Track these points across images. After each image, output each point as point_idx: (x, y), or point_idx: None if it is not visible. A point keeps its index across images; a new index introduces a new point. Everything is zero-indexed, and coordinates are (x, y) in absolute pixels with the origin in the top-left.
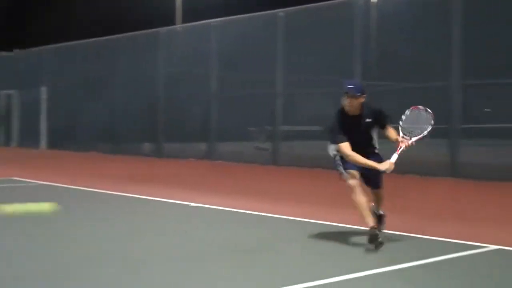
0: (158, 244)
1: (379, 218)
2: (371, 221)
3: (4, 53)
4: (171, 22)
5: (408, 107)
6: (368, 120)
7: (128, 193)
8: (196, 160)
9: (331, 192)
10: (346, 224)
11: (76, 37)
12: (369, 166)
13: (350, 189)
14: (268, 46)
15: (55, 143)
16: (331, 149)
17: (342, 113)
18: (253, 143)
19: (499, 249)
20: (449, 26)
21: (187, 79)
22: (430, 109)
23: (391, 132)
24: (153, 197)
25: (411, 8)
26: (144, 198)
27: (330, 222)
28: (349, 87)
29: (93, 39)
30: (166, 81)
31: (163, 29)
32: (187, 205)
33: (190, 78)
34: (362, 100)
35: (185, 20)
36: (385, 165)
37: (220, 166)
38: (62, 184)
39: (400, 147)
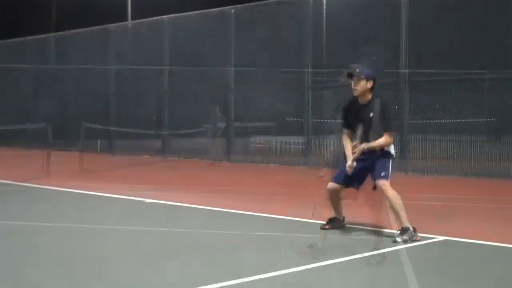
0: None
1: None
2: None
3: None
4: None
5: None
6: (371, 114)
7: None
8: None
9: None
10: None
11: None
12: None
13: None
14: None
15: None
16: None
17: (353, 100)
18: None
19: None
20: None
21: None
22: None
23: (379, 139)
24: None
25: (360, 4)
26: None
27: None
28: (353, 65)
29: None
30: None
31: None
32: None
33: None
34: (365, 83)
35: None
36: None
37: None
38: None
39: (355, 152)
